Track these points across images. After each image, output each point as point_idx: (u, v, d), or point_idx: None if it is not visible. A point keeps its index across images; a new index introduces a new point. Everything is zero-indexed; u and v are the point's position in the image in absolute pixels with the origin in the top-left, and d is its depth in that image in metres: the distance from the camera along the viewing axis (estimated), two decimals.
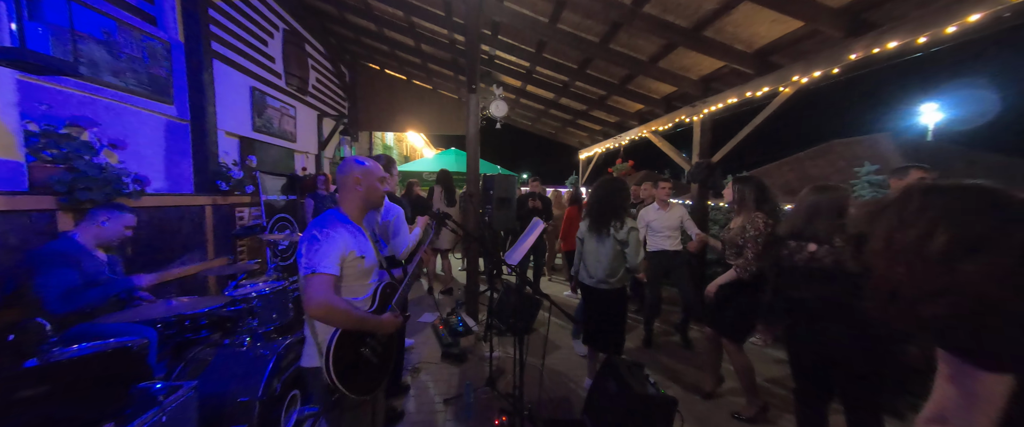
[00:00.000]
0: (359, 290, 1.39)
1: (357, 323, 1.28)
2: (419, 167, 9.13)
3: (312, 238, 1.27)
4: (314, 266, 1.22)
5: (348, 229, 1.34)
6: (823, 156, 9.67)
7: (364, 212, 1.45)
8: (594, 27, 3.98)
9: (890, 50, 2.48)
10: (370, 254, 1.41)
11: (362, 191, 1.40)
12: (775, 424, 2.33)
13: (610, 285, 2.39)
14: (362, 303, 1.39)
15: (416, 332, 3.62)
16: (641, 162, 9.69)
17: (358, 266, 1.35)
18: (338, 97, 7.29)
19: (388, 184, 1.64)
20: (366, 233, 1.46)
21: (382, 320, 1.35)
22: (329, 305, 1.20)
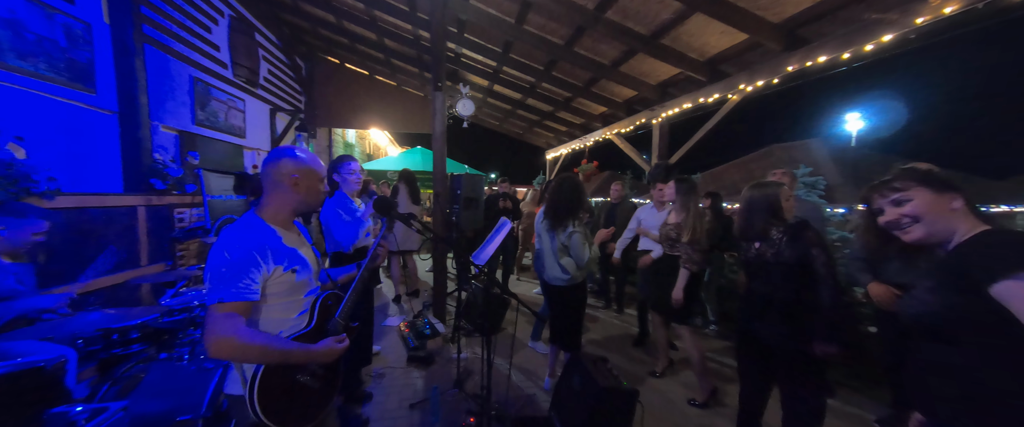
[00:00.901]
0: (291, 308, 1.16)
1: (280, 357, 1.05)
2: (383, 165, 8.82)
3: (218, 256, 1.02)
4: (220, 294, 0.99)
5: (268, 237, 1.10)
6: (766, 159, 10.52)
7: (294, 215, 1.21)
8: (559, 30, 4.06)
9: (820, 64, 2.76)
10: (305, 263, 1.17)
11: (300, 192, 1.16)
12: (727, 406, 2.51)
13: (562, 282, 2.45)
14: (294, 324, 1.16)
15: (381, 337, 3.50)
16: (605, 163, 10.03)
17: (288, 281, 1.12)
18: (293, 91, 6.87)
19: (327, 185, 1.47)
20: (295, 236, 1.21)
21: (313, 351, 1.11)
22: (234, 343, 0.97)
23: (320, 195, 1.24)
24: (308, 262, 1.19)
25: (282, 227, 1.17)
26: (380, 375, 2.85)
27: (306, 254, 1.20)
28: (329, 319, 1.23)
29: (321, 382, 1.18)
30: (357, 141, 11.72)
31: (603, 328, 3.97)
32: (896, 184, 0.95)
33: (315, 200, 1.22)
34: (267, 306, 1.11)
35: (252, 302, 1.04)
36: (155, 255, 3.15)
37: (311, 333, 1.16)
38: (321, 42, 6.89)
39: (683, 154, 4.55)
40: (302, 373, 1.13)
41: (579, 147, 7.24)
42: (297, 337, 1.12)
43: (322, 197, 1.27)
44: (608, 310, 4.49)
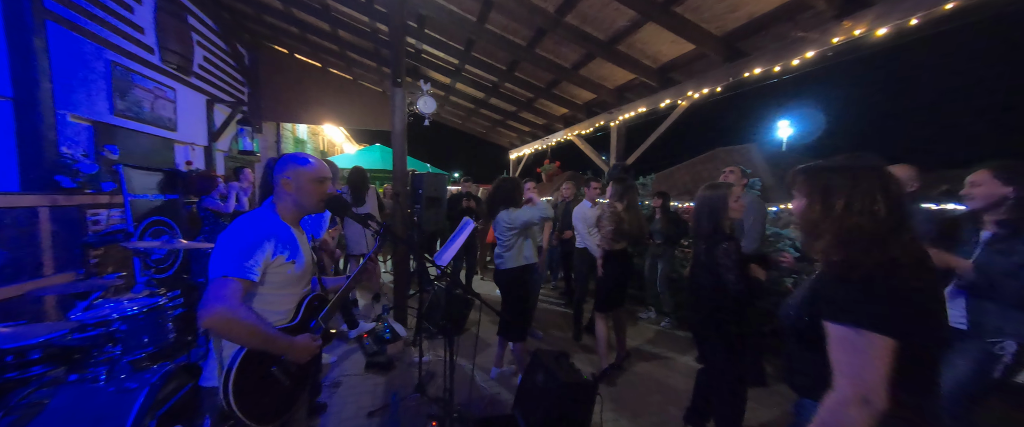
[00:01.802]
0: (283, 301, 1.25)
1: (263, 342, 1.11)
2: (339, 163, 8.36)
3: (230, 236, 1.14)
4: (225, 269, 1.08)
5: (278, 229, 1.22)
6: (711, 161, 11.40)
7: (299, 215, 1.32)
8: (521, 31, 4.10)
9: (756, 75, 3.03)
10: (301, 259, 1.27)
11: (292, 192, 1.26)
12: (681, 393, 2.68)
13: (504, 264, 2.58)
14: (281, 316, 1.24)
15: (337, 345, 3.32)
16: (567, 163, 10.29)
17: (286, 272, 1.22)
18: (235, 81, 6.31)
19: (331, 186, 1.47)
20: (301, 235, 1.33)
21: (293, 342, 1.19)
22: (228, 315, 1.03)
23: (315, 195, 1.28)
24: (304, 259, 1.28)
25: (290, 223, 1.28)
26: (336, 384, 2.70)
27: (306, 254, 1.30)
28: (312, 319, 1.30)
29: (292, 380, 1.23)
30: (309, 137, 11.02)
31: (566, 325, 4.07)
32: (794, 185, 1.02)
33: (309, 200, 1.28)
34: (261, 293, 1.18)
35: (251, 282, 1.11)
36: (62, 263, 2.74)
37: (293, 328, 1.24)
38: (266, 30, 6.39)
39: (638, 155, 4.79)
40: (277, 367, 1.18)
41: (542, 147, 7.36)
42: (282, 329, 1.19)
43: (320, 198, 1.30)
44: (569, 307, 4.60)
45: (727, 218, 1.89)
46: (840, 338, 0.83)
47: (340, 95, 7.59)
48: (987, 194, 1.56)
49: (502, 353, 2.83)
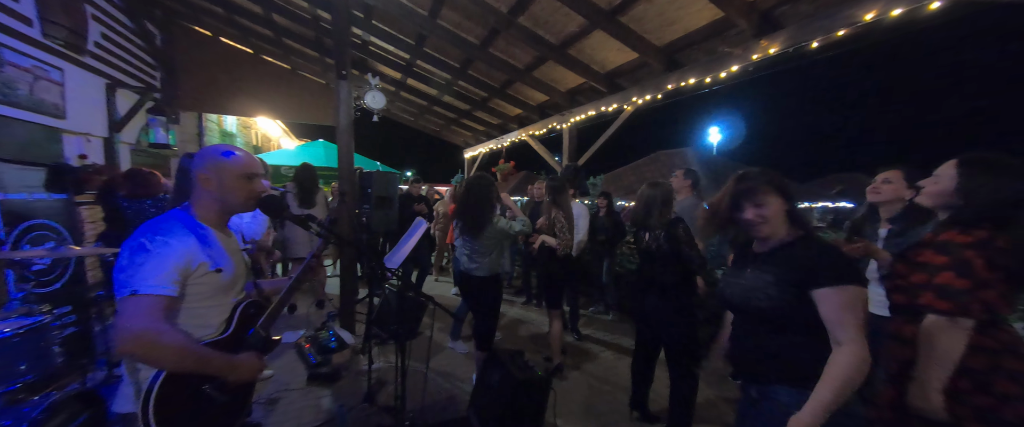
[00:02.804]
0: (213, 313, 1.11)
1: (196, 363, 0.98)
2: (276, 160, 7.64)
3: (138, 247, 0.98)
4: (135, 284, 0.93)
5: (198, 234, 1.07)
6: (653, 163, 12.27)
7: (224, 215, 1.18)
8: (474, 29, 4.07)
9: (691, 85, 3.31)
10: (230, 265, 1.13)
11: (213, 190, 1.11)
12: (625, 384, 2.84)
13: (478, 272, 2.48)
14: (211, 330, 1.10)
15: (275, 356, 3.03)
16: (522, 163, 10.41)
17: (212, 282, 1.07)
18: (143, 64, 5.49)
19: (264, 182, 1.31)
20: (226, 238, 1.19)
21: (234, 361, 1.06)
22: (150, 338, 0.90)
23: (242, 193, 1.15)
24: (235, 266, 1.16)
25: (213, 226, 1.14)
26: (273, 400, 2.47)
27: (235, 259, 1.17)
28: (248, 328, 1.17)
29: (229, 395, 1.07)
30: (239, 130, 9.96)
31: (528, 323, 4.12)
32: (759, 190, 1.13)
33: (235, 199, 1.15)
34: (185, 307, 1.04)
35: (170, 298, 0.97)
36: None
37: (227, 340, 1.11)
38: (184, 7, 5.66)
39: (589, 156, 5.00)
40: (210, 384, 1.04)
41: (496, 147, 7.38)
42: (212, 343, 1.07)
43: (251, 196, 1.17)
44: (529, 305, 4.67)
45: (672, 209, 2.08)
46: (839, 301, 0.99)
47: (277, 85, 6.94)
48: (893, 192, 1.77)
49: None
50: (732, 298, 1.19)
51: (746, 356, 1.17)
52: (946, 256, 1.12)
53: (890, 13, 2.07)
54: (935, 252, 1.15)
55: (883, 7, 2.09)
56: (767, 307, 1.07)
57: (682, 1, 2.83)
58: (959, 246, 1.10)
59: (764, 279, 1.10)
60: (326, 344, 2.93)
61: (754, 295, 1.10)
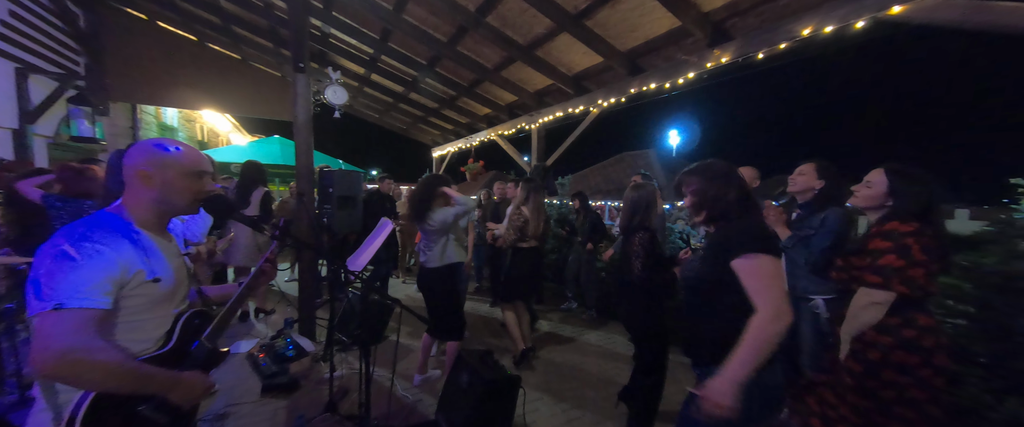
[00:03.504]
0: (151, 326, 0.99)
1: (134, 382, 0.87)
2: (225, 156, 7.07)
3: (60, 255, 0.85)
4: (59, 297, 0.81)
5: (132, 238, 0.95)
6: (619, 164, 12.71)
7: (163, 217, 1.07)
8: (442, 26, 4.00)
9: (652, 89, 3.46)
10: (170, 273, 1.02)
11: (154, 189, 1.00)
12: (594, 376, 2.92)
13: (429, 263, 2.55)
14: (149, 344, 0.99)
15: (224, 370, 2.81)
16: (491, 163, 10.40)
17: (149, 292, 0.96)
18: (63, 47, 4.87)
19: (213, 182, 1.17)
20: (166, 243, 1.07)
21: (179, 379, 0.95)
22: (78, 357, 0.79)
23: (188, 193, 1.05)
24: (175, 274, 1.05)
25: (150, 230, 1.02)
26: (221, 416, 2.28)
27: (176, 265, 1.07)
28: (193, 340, 1.06)
29: (169, 418, 0.97)
30: (182, 124, 9.13)
31: (495, 323, 4.12)
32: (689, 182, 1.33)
33: (180, 199, 1.04)
34: (118, 321, 0.93)
35: (103, 311, 0.86)
36: None
37: (168, 354, 1.00)
38: None
39: (557, 157, 5.09)
40: (148, 405, 0.93)
41: (465, 146, 7.31)
42: (151, 358, 0.96)
43: (194, 196, 1.07)
44: (496, 306, 4.66)
45: (655, 213, 2.13)
46: (750, 268, 1.08)
47: (225, 77, 6.43)
48: (805, 183, 2.02)
49: (426, 359, 2.74)
50: (683, 276, 1.32)
51: (691, 338, 1.28)
52: (890, 242, 1.33)
53: (824, 29, 2.29)
54: (882, 239, 1.35)
55: (818, 23, 2.31)
56: (692, 278, 1.22)
57: (643, 9, 2.95)
58: (901, 234, 1.31)
59: (698, 256, 1.26)
60: (283, 352, 2.75)
61: (688, 268, 1.26)
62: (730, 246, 1.13)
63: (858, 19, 2.15)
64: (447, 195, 2.57)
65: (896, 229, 1.33)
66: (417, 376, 2.73)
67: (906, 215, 1.35)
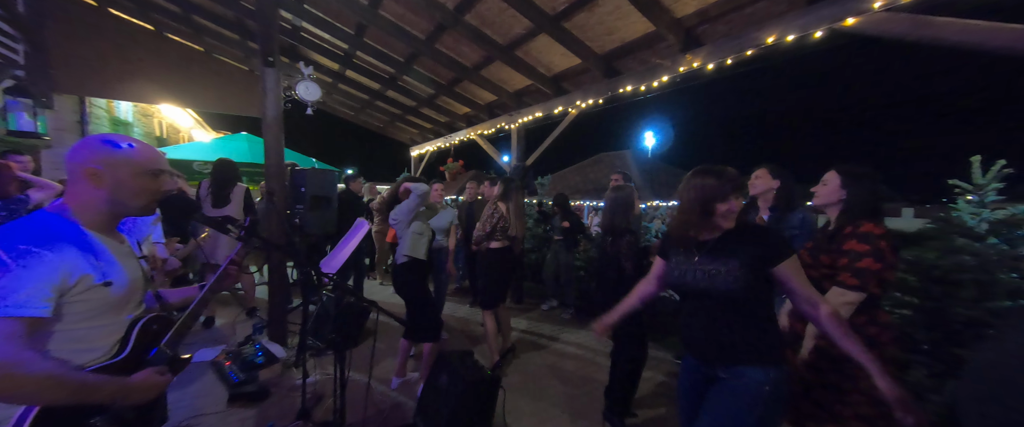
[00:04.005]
0: (101, 334, 0.93)
1: (72, 393, 0.81)
2: (186, 154, 6.66)
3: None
4: None
5: (77, 241, 0.89)
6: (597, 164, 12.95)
7: (114, 218, 1.00)
8: (419, 23, 3.94)
9: (628, 91, 3.55)
10: (122, 277, 0.96)
11: (105, 188, 0.93)
12: (571, 375, 2.96)
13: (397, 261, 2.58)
14: (100, 353, 0.92)
15: (187, 380, 2.65)
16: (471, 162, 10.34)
17: (99, 297, 0.90)
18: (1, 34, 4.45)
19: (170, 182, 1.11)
20: (117, 244, 1.01)
21: (127, 384, 0.89)
22: (10, 370, 0.73)
23: (143, 193, 0.99)
24: (129, 277, 0.98)
25: (99, 231, 0.96)
26: None
27: (130, 269, 1.00)
28: (151, 347, 1.00)
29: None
30: (137, 118, 8.55)
31: (476, 324, 4.09)
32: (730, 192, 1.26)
33: (133, 199, 0.98)
34: (63, 329, 0.87)
35: (39, 319, 0.80)
36: None
37: (122, 363, 0.94)
38: None
39: (536, 157, 5.12)
40: (102, 417, 0.87)
41: (445, 145, 7.23)
42: (104, 368, 0.91)
43: (149, 196, 1.01)
44: (476, 307, 4.64)
45: (634, 214, 2.18)
46: (794, 267, 1.17)
47: (187, 69, 6.07)
48: (764, 184, 2.13)
49: (404, 361, 2.69)
50: (695, 284, 1.25)
51: (716, 341, 1.23)
52: (867, 245, 1.38)
53: (786, 38, 2.42)
54: (858, 242, 1.41)
55: (781, 32, 2.44)
56: (735, 288, 1.17)
57: (619, 12, 3.02)
58: (876, 237, 1.38)
59: (726, 264, 1.19)
60: (251, 359, 2.63)
61: (718, 279, 1.19)
62: (770, 250, 1.17)
63: (817, 29, 2.29)
64: (408, 188, 2.58)
65: (871, 232, 1.38)
66: (395, 379, 2.68)
67: (860, 211, 1.44)
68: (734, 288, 1.17)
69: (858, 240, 1.41)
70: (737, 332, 1.20)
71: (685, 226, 1.28)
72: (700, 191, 1.23)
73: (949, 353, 2.04)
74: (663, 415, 2.44)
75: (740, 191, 1.23)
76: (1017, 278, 2.08)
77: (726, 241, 1.24)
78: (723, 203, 1.21)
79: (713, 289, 1.21)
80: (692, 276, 1.27)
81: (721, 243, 1.24)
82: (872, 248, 1.37)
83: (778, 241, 1.20)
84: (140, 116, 8.67)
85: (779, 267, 1.16)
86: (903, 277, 2.30)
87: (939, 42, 1.88)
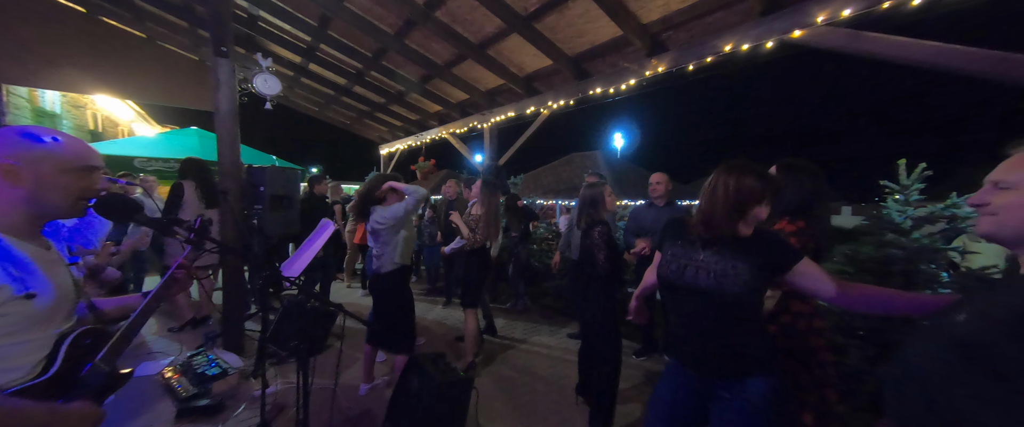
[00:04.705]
0: (21, 351, 0.83)
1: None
2: (126, 149, 6.07)
3: None
4: None
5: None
6: (569, 164, 13.19)
7: (36, 221, 0.90)
8: (387, 17, 3.83)
9: (598, 93, 3.63)
10: (47, 288, 0.86)
11: (24, 186, 0.84)
12: (541, 377, 2.99)
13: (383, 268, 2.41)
14: (22, 373, 0.82)
15: (128, 396, 2.41)
16: (443, 161, 10.19)
17: (19, 311, 0.80)
18: None
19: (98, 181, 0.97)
20: (42, 251, 0.90)
21: (61, 412, 0.80)
22: None
23: (71, 193, 0.89)
24: (56, 288, 0.88)
25: (17, 236, 0.85)
26: None
27: (56, 277, 0.89)
28: (83, 364, 0.90)
29: None
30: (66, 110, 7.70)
31: (449, 325, 4.03)
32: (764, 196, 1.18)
33: (59, 199, 0.88)
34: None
35: None
36: None
37: (49, 383, 0.84)
38: None
39: (509, 156, 5.13)
40: None
41: (416, 144, 7.07)
42: (27, 388, 0.81)
43: (77, 195, 0.91)
44: (449, 306, 4.58)
45: (604, 209, 2.22)
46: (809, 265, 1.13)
47: (126, 57, 5.52)
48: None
49: (370, 367, 2.59)
50: (695, 282, 1.16)
51: (721, 351, 1.16)
52: None
53: (742, 47, 2.58)
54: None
55: (736, 41, 2.60)
56: (743, 291, 1.10)
57: (589, 16, 3.09)
58: (786, 234, 1.43)
59: (735, 266, 1.12)
60: (203, 371, 2.45)
61: (726, 281, 1.11)
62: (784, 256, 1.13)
63: (768, 39, 2.45)
64: (396, 189, 2.42)
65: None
66: (363, 385, 2.58)
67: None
68: (742, 291, 1.10)
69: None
70: (742, 339, 1.14)
71: (708, 221, 1.17)
72: (738, 191, 1.13)
73: (881, 337, 2.26)
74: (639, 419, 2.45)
75: (773, 196, 1.16)
76: (935, 268, 2.34)
77: (739, 242, 1.15)
78: (759, 207, 1.14)
79: (719, 291, 1.12)
80: (692, 273, 1.17)
81: (734, 243, 1.15)
82: None
83: (787, 247, 1.17)
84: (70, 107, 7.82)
85: (795, 269, 1.12)
86: (842, 269, 2.52)
87: (871, 55, 2.08)
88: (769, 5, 2.43)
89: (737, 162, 1.19)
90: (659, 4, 2.81)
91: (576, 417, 2.38)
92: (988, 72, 1.75)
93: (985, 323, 0.71)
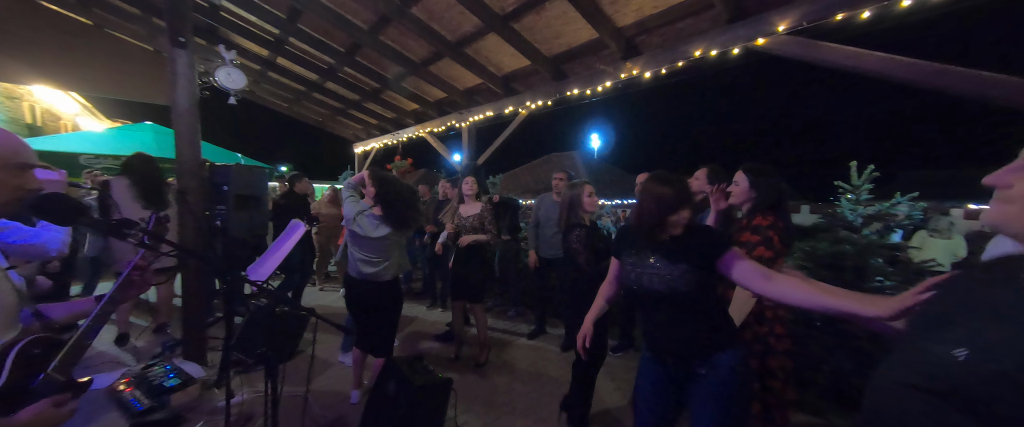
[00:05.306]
0: None
1: None
2: (70, 145, 5.58)
3: None
4: None
5: None
6: (547, 164, 13.32)
7: None
8: (361, 12, 3.72)
9: (575, 95, 3.68)
10: None
11: None
12: (518, 374, 3.00)
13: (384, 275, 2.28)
14: None
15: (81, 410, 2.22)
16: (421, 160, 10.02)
17: None
18: None
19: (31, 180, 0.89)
20: None
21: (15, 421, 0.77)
22: None
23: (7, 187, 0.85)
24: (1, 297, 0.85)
25: None
26: None
27: None
28: (34, 374, 0.85)
29: None
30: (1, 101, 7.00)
31: (429, 326, 3.97)
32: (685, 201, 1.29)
33: None
34: None
35: None
36: None
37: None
38: None
39: (488, 156, 5.11)
40: None
41: (392, 142, 6.91)
42: None
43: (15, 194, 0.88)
44: (434, 307, 4.51)
45: (583, 211, 2.21)
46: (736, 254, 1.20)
47: (69, 46, 5.07)
48: (698, 186, 2.32)
49: (360, 373, 2.49)
50: (652, 287, 1.28)
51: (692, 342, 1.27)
52: (758, 236, 1.56)
53: (710, 53, 2.69)
54: (751, 233, 1.59)
55: (706, 47, 2.70)
56: (692, 289, 1.22)
57: (566, 18, 3.12)
58: (765, 228, 1.56)
59: (678, 267, 1.24)
60: (160, 383, 2.29)
61: (677, 283, 1.23)
62: (711, 247, 1.22)
63: (734, 46, 2.57)
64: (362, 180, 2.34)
65: (761, 224, 1.60)
66: (354, 392, 2.49)
67: (765, 206, 1.64)
68: (692, 289, 1.22)
69: (751, 232, 1.62)
70: (706, 326, 1.27)
71: (642, 228, 1.32)
72: (658, 201, 1.26)
73: (836, 328, 2.42)
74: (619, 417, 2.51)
75: (689, 203, 1.27)
76: (883, 263, 2.53)
77: (677, 243, 1.28)
78: (675, 214, 1.25)
79: (673, 292, 1.24)
80: (648, 280, 1.29)
81: (673, 245, 1.28)
82: (762, 238, 1.57)
83: (716, 237, 1.28)
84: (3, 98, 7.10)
85: (721, 260, 1.21)
86: (801, 264, 2.68)
87: (826, 63, 2.22)
88: (735, 13, 2.55)
89: (658, 174, 1.32)
90: (633, 8, 2.88)
91: (554, 415, 2.40)
92: (930, 82, 1.91)
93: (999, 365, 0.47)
